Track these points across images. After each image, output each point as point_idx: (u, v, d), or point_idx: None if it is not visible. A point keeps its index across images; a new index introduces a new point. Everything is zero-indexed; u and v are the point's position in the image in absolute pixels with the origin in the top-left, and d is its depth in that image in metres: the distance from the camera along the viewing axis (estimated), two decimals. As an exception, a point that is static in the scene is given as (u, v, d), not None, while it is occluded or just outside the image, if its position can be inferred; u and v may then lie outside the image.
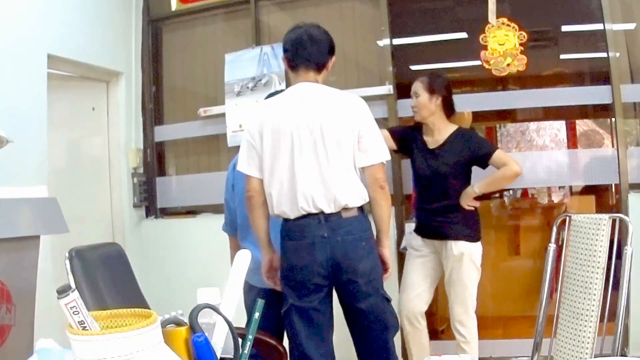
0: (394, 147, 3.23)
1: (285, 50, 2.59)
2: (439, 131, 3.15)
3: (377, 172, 2.49)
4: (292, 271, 2.50)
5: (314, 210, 2.43)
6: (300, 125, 2.44)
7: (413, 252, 3.24)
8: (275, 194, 2.47)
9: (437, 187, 3.12)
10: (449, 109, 3.17)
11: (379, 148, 2.50)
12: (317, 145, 2.43)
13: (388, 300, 2.54)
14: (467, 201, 3.07)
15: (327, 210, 2.42)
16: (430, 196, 3.16)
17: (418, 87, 3.16)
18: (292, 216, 2.46)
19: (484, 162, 3.08)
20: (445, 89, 3.15)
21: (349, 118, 2.47)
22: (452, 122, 3.20)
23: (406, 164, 3.63)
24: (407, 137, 3.25)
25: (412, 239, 3.25)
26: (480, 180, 3.10)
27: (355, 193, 2.46)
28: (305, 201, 2.42)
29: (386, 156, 2.53)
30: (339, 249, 2.42)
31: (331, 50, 2.59)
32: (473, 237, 3.07)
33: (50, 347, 1.07)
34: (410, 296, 3.16)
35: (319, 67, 2.56)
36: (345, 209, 2.44)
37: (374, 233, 2.58)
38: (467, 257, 3.02)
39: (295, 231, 2.47)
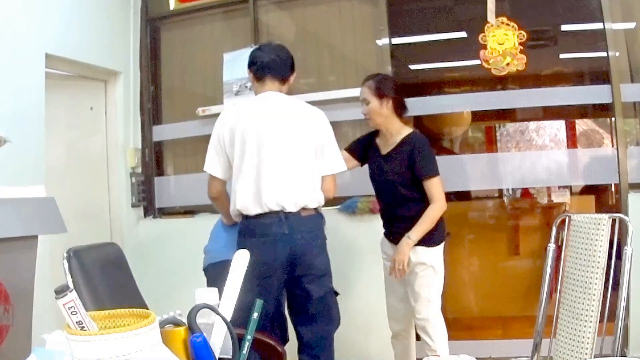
0: (358, 164, 3.17)
1: (252, 64, 2.81)
2: (392, 135, 3.01)
3: (330, 182, 2.75)
4: (253, 267, 2.54)
5: (276, 208, 2.62)
6: (267, 130, 2.65)
7: (383, 256, 3.14)
8: (241, 191, 2.66)
9: (389, 195, 3.02)
10: (401, 110, 3.02)
11: (334, 160, 2.76)
12: (282, 149, 2.65)
13: (337, 294, 2.80)
14: (404, 256, 2.85)
15: (288, 209, 2.62)
16: (385, 202, 3.08)
17: (366, 92, 3.00)
18: (253, 212, 2.64)
19: (420, 181, 2.92)
20: (394, 90, 3.00)
21: (311, 128, 2.71)
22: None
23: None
24: (364, 147, 3.14)
25: (384, 244, 3.14)
26: (415, 227, 2.87)
27: (314, 195, 2.68)
28: (268, 198, 2.61)
29: (341, 167, 2.80)
30: (298, 245, 2.62)
31: (292, 67, 2.83)
32: (431, 242, 2.92)
33: (48, 348, 1.07)
34: (392, 301, 3.13)
35: (283, 79, 2.79)
36: (305, 208, 2.66)
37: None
38: (425, 263, 2.91)
39: (257, 228, 2.66)
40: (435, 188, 2.90)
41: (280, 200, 2.61)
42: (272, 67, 2.76)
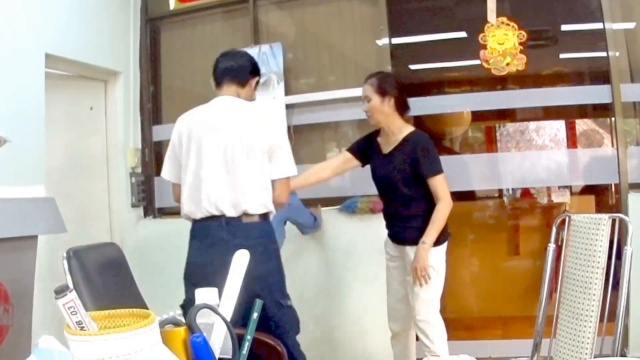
0: (359, 164, 3.16)
1: (213, 71, 2.84)
2: (393, 133, 2.99)
3: (280, 187, 2.68)
4: (192, 269, 2.70)
5: (216, 212, 2.60)
6: (211, 132, 2.65)
7: (386, 256, 3.12)
8: (185, 195, 2.69)
9: (391, 194, 3.00)
10: (403, 109, 3.01)
11: (285, 164, 2.69)
12: (226, 152, 2.61)
13: (286, 306, 2.71)
14: (423, 262, 2.81)
15: (228, 214, 2.59)
16: (387, 201, 3.06)
17: (368, 90, 2.99)
18: (197, 216, 2.66)
19: (424, 179, 2.89)
20: (396, 88, 2.99)
21: (259, 130, 2.65)
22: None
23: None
24: (365, 147, 3.13)
25: (387, 245, 3.12)
26: (427, 230, 2.85)
27: (258, 201, 2.62)
28: (208, 202, 2.61)
29: (289, 172, 2.71)
30: (235, 252, 2.52)
31: (254, 71, 2.84)
32: (433, 242, 2.86)
33: (48, 348, 1.06)
34: (392, 301, 3.10)
35: (241, 83, 2.79)
36: (246, 214, 2.61)
37: None
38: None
39: (199, 231, 2.68)
40: (441, 186, 2.87)
41: (219, 204, 2.60)
42: (227, 73, 2.79)
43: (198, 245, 2.68)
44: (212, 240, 2.62)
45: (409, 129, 3.00)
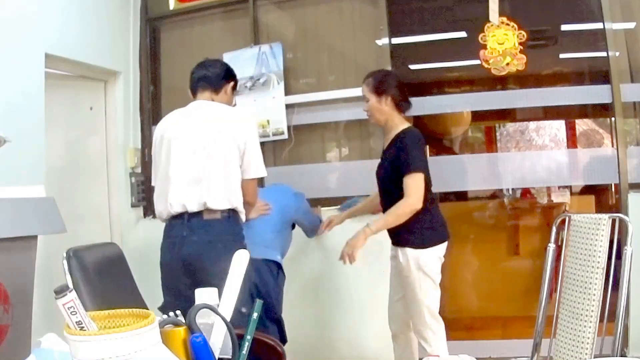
0: None
1: (189, 83, 2.92)
2: (390, 131, 2.94)
3: (247, 187, 2.76)
4: (162, 269, 2.75)
5: (179, 209, 2.65)
6: (181, 134, 2.73)
7: (390, 254, 3.05)
8: (155, 196, 2.79)
9: (383, 192, 2.96)
10: (402, 106, 2.94)
11: (254, 165, 2.76)
12: (195, 153, 2.67)
13: (246, 314, 2.68)
14: (356, 242, 2.79)
15: (190, 209, 2.63)
16: (381, 200, 3.01)
17: (365, 90, 2.94)
18: (164, 217, 2.73)
19: (401, 176, 2.77)
20: (394, 86, 2.93)
21: (232, 132, 2.71)
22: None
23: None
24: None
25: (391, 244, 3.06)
26: (379, 218, 2.81)
27: (222, 196, 2.66)
28: (174, 201, 2.66)
29: (260, 173, 2.80)
30: (193, 248, 2.60)
31: (227, 76, 2.91)
32: (420, 244, 2.78)
33: (48, 348, 1.06)
34: (391, 300, 3.06)
35: (215, 88, 2.86)
36: (208, 210, 2.64)
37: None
38: (413, 265, 2.76)
39: (165, 231, 2.75)
40: (413, 184, 2.72)
41: (183, 201, 2.64)
42: (200, 81, 2.86)
43: (163, 246, 2.74)
44: (172, 239, 2.68)
45: (404, 125, 2.92)
